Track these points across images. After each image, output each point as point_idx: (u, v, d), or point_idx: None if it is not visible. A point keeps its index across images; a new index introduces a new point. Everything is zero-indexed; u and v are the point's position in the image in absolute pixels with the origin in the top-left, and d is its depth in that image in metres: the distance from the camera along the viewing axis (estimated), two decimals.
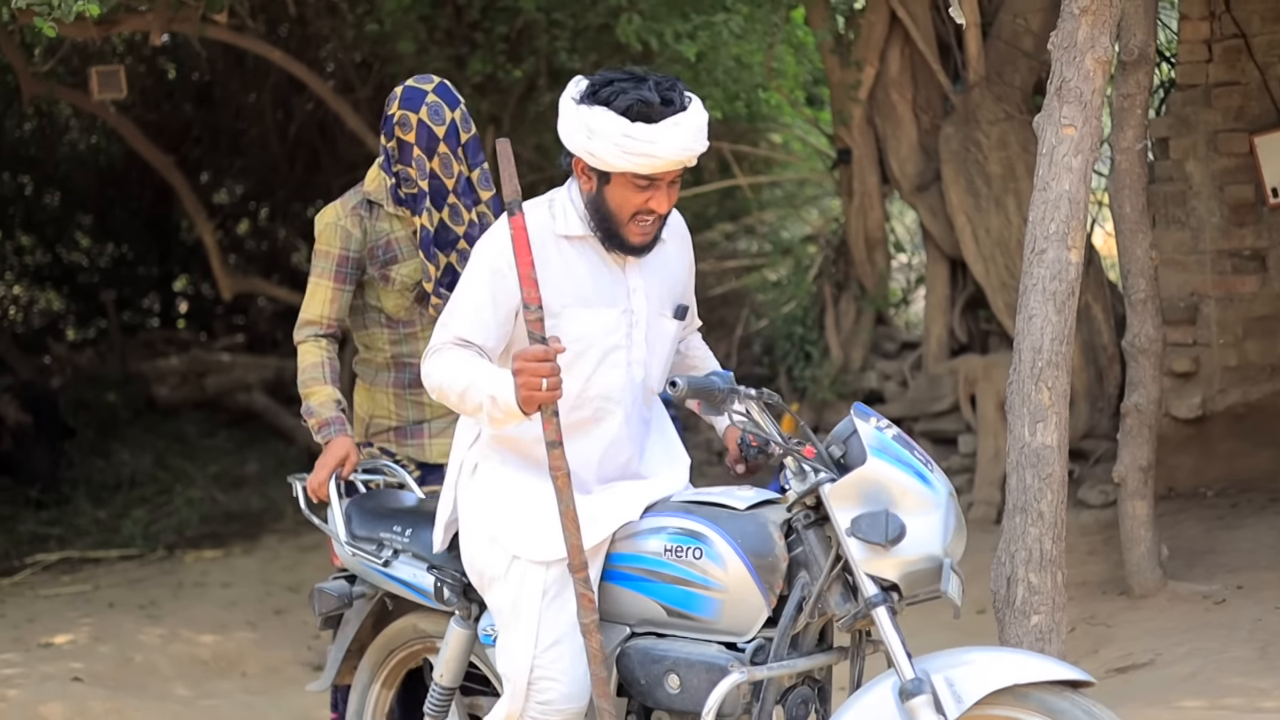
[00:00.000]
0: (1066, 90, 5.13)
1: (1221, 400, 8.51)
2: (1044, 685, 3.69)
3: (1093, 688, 3.74)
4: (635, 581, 4.28)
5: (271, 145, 15.82)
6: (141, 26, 10.36)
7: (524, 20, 11.25)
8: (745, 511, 4.19)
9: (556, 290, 4.23)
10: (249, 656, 8.48)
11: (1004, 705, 3.72)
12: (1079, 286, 5.14)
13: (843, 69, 10.41)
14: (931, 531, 3.91)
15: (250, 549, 11.12)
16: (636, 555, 4.28)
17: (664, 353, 4.47)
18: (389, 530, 4.91)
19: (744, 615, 4.11)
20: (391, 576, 4.87)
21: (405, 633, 5.05)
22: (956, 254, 10.16)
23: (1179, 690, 5.84)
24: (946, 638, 6.52)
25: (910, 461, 3.96)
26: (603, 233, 4.29)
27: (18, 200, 17.12)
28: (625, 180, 4.18)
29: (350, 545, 4.98)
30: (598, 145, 4.11)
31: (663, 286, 4.45)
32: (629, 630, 4.32)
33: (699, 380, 4.09)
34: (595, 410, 4.33)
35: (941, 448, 10.36)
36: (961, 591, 3.91)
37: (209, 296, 17.58)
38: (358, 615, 5.14)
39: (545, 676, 4.28)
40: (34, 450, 12.28)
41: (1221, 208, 8.47)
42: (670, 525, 4.24)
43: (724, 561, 4.11)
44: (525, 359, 3.97)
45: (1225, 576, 7.21)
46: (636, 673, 4.26)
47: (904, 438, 4.03)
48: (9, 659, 8.10)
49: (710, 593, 4.14)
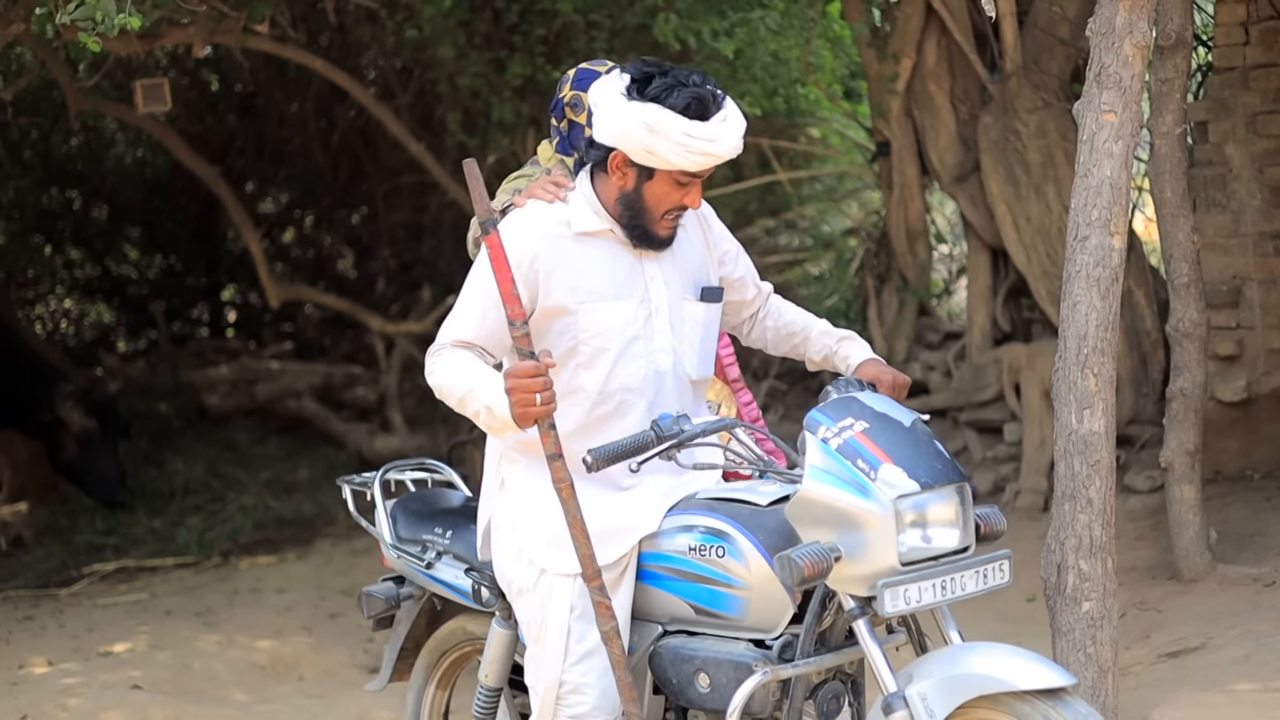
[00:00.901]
0: (1106, 76, 5.09)
1: (1266, 383, 8.45)
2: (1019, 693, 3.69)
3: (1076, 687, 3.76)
4: (663, 580, 4.29)
5: (315, 153, 15.85)
6: (184, 39, 10.39)
7: (562, 22, 11.25)
8: (768, 508, 4.18)
9: (573, 288, 4.25)
10: (305, 660, 8.50)
11: (982, 709, 3.75)
12: (1122, 272, 5.10)
13: (880, 61, 10.37)
14: (879, 544, 3.81)
15: (304, 554, 11.15)
16: (663, 554, 4.29)
17: (695, 337, 4.45)
18: (431, 532, 4.95)
19: (770, 612, 4.10)
20: (435, 578, 4.92)
21: (456, 634, 5.08)
22: (997, 243, 10.11)
23: (1231, 674, 5.80)
24: (999, 628, 6.52)
25: (850, 476, 3.86)
26: (631, 229, 4.31)
27: (67, 214, 17.21)
28: (668, 178, 4.20)
29: (395, 547, 5.03)
30: (659, 143, 4.10)
31: (683, 272, 4.44)
32: (661, 629, 4.33)
33: (605, 448, 4.03)
34: (618, 404, 4.33)
35: (987, 437, 10.33)
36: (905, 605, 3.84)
37: (257, 305, 17.65)
38: (408, 616, 5.18)
39: (576, 690, 4.29)
40: (99, 456, 12.29)
41: (1262, 190, 8.40)
42: (694, 524, 4.24)
43: (747, 559, 4.10)
44: (516, 376, 3.96)
45: (1275, 559, 7.16)
46: (669, 672, 4.27)
47: (853, 445, 3.90)
48: (69, 668, 8.14)
49: (735, 591, 4.13)
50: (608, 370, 4.30)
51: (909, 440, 3.94)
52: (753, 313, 4.80)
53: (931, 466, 3.90)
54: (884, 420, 3.98)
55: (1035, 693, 3.68)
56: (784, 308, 4.82)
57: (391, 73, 13.68)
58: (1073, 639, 4.98)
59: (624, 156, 4.21)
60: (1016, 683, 3.69)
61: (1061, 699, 3.68)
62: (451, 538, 4.88)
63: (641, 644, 4.33)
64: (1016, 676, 3.70)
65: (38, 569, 11.09)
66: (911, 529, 3.84)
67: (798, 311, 4.82)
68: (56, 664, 8.26)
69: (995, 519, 4.07)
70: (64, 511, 12.35)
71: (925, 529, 3.87)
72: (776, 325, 4.77)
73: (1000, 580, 3.95)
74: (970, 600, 3.96)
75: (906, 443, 3.93)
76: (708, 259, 4.56)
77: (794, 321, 4.76)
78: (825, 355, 4.65)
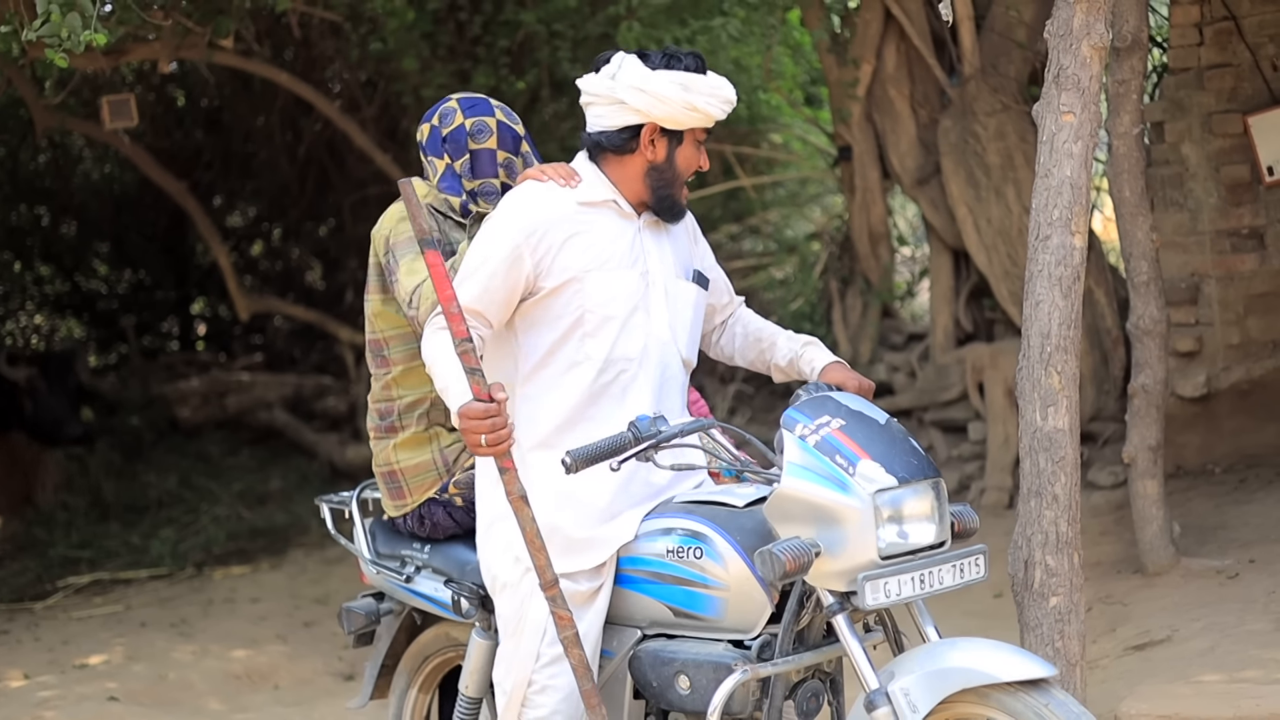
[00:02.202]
0: (1064, 78, 5.10)
1: (1226, 378, 8.48)
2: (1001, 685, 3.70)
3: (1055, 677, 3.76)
4: (641, 584, 4.28)
5: (282, 167, 15.80)
6: (150, 55, 10.35)
7: (525, 33, 11.24)
8: (744, 509, 4.18)
9: (580, 257, 4.28)
10: (281, 669, 8.48)
11: (965, 703, 3.75)
12: (1084, 271, 5.11)
13: (840, 67, 10.39)
14: (859, 538, 3.81)
15: (277, 564, 11.12)
16: (641, 558, 4.28)
17: (687, 317, 4.48)
18: (409, 547, 4.96)
19: (748, 613, 4.09)
20: (414, 592, 4.92)
21: (439, 639, 5.09)
22: (959, 245, 10.13)
23: (1198, 665, 5.81)
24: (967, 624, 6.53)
25: (829, 472, 3.86)
26: (660, 199, 4.41)
27: (35, 231, 17.13)
28: (692, 139, 4.38)
29: (374, 564, 5.03)
30: (696, 99, 4.27)
31: (674, 253, 4.49)
32: (640, 633, 4.32)
33: (583, 450, 4.01)
34: (619, 373, 4.33)
35: (952, 436, 10.35)
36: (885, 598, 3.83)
37: (226, 318, 17.58)
38: (388, 631, 5.19)
39: (542, 690, 4.30)
40: (50, 403, 12.48)
41: (1218, 188, 8.43)
42: (671, 526, 4.23)
43: (724, 560, 4.09)
44: (465, 416, 3.94)
45: (1237, 551, 7.18)
46: (649, 675, 4.25)
47: (831, 441, 3.91)
48: (45, 681, 8.10)
49: (713, 592, 4.12)
50: (613, 339, 4.30)
51: (885, 437, 3.95)
52: (724, 318, 4.82)
53: (908, 462, 3.90)
54: (860, 418, 3.98)
55: (1016, 684, 3.69)
56: (751, 316, 4.85)
57: (357, 85, 13.65)
58: (1040, 633, 4.98)
59: (654, 127, 4.31)
60: (998, 674, 3.70)
61: (1042, 689, 3.69)
62: (430, 552, 4.89)
63: (621, 648, 4.32)
64: (998, 668, 3.71)
65: (12, 583, 11.05)
66: (889, 524, 3.84)
67: (764, 321, 4.84)
68: (32, 677, 8.22)
69: (968, 517, 4.08)
70: (39, 524, 12.30)
71: (902, 524, 3.86)
72: (745, 332, 4.79)
73: (976, 575, 3.95)
74: (939, 597, 3.96)
75: (883, 439, 3.94)
76: (694, 251, 4.62)
77: (761, 329, 4.78)
78: (790, 360, 4.65)
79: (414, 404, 4.82)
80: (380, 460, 4.89)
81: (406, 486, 4.83)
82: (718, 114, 4.32)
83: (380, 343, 4.88)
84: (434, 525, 4.85)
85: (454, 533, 4.85)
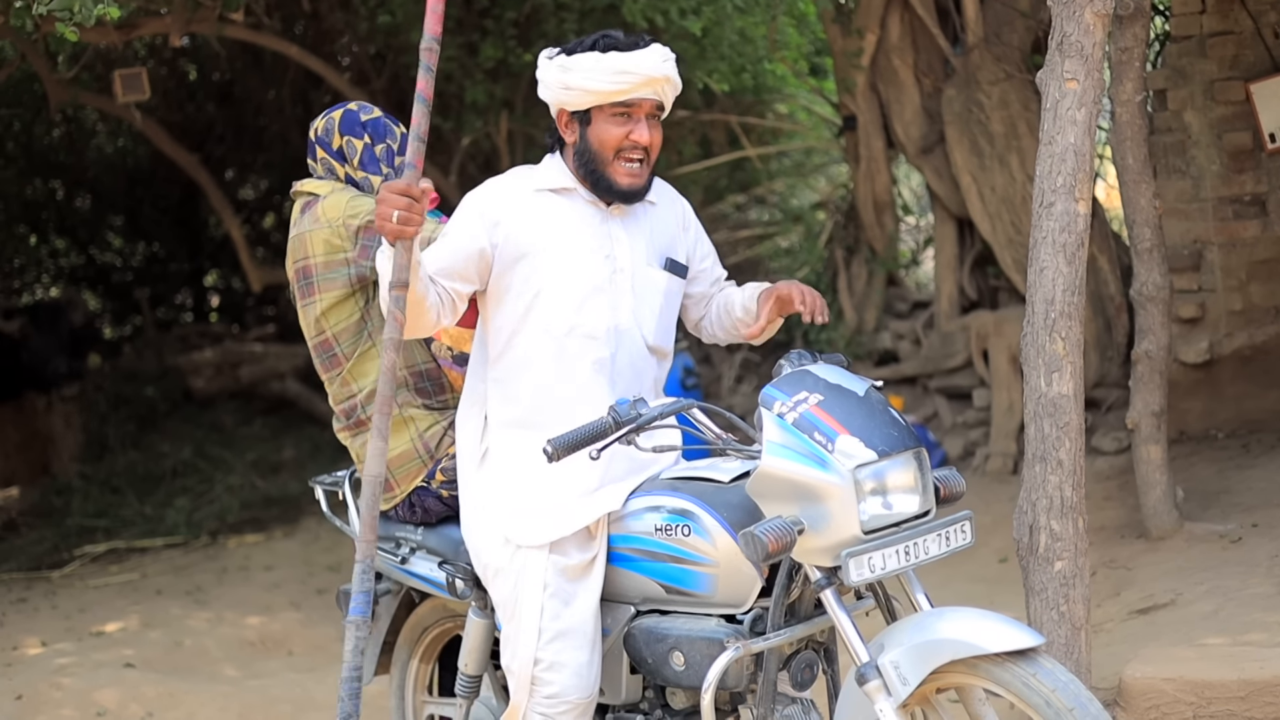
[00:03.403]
0: (1067, 45, 5.05)
1: (1228, 344, 8.45)
2: (990, 656, 3.67)
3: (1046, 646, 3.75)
4: (633, 562, 4.27)
5: (292, 139, 15.74)
6: (161, 29, 10.31)
7: (531, 5, 11.19)
8: (730, 484, 4.16)
9: (535, 236, 4.30)
10: (294, 636, 8.48)
11: (955, 673, 3.73)
12: (1087, 238, 5.08)
13: (844, 38, 10.34)
14: (841, 514, 3.78)
15: (290, 532, 11.12)
16: (631, 536, 4.27)
17: (655, 304, 4.45)
18: (403, 529, 4.96)
19: (738, 588, 4.08)
20: (410, 572, 4.93)
21: (436, 611, 5.11)
22: (963, 213, 10.10)
23: (1201, 628, 5.80)
24: (973, 589, 6.51)
25: (808, 449, 3.83)
26: (591, 181, 4.35)
27: (50, 204, 17.13)
28: (604, 115, 4.27)
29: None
30: (574, 78, 4.22)
31: (650, 241, 4.45)
32: (634, 610, 4.31)
33: (564, 437, 3.99)
34: (583, 352, 4.32)
35: (956, 403, 10.33)
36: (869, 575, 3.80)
37: (239, 289, 17.60)
38: (387, 611, 5.21)
39: (550, 667, 4.27)
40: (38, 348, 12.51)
41: (1221, 155, 8.39)
42: (659, 504, 4.22)
43: (713, 537, 4.08)
44: (388, 189, 3.94)
45: (1240, 515, 7.16)
46: (644, 652, 4.25)
47: (809, 418, 3.86)
48: (63, 648, 8.11)
49: (703, 568, 4.11)
50: (571, 313, 4.29)
51: (864, 410, 3.90)
52: (707, 299, 4.78)
53: (888, 434, 3.86)
54: (838, 391, 3.93)
55: (1006, 655, 3.66)
56: (724, 293, 4.80)
57: (366, 58, 13.60)
58: (1046, 598, 4.96)
59: (564, 113, 4.31)
60: (986, 645, 3.66)
61: (1031, 659, 3.66)
62: (423, 533, 4.89)
63: (615, 625, 4.31)
64: (986, 640, 3.67)
65: (30, 552, 11.07)
66: (872, 497, 3.80)
67: (731, 289, 4.81)
68: (50, 644, 8.23)
69: (954, 481, 4.06)
70: (56, 494, 12.31)
71: (885, 496, 3.82)
72: (718, 307, 4.76)
73: (962, 541, 3.92)
74: (943, 563, 3.95)
75: (861, 412, 3.89)
76: (679, 239, 4.56)
77: (728, 297, 4.76)
78: (743, 305, 4.65)
79: (373, 393, 4.78)
80: (360, 454, 4.85)
81: (393, 478, 4.80)
82: (604, 86, 4.21)
83: (329, 342, 4.85)
84: (425, 511, 4.84)
85: (445, 515, 4.84)
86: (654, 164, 4.38)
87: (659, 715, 4.35)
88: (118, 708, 7.17)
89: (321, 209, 4.87)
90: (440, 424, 4.80)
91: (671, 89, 4.31)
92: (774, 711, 4.07)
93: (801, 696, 4.19)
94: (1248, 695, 5.02)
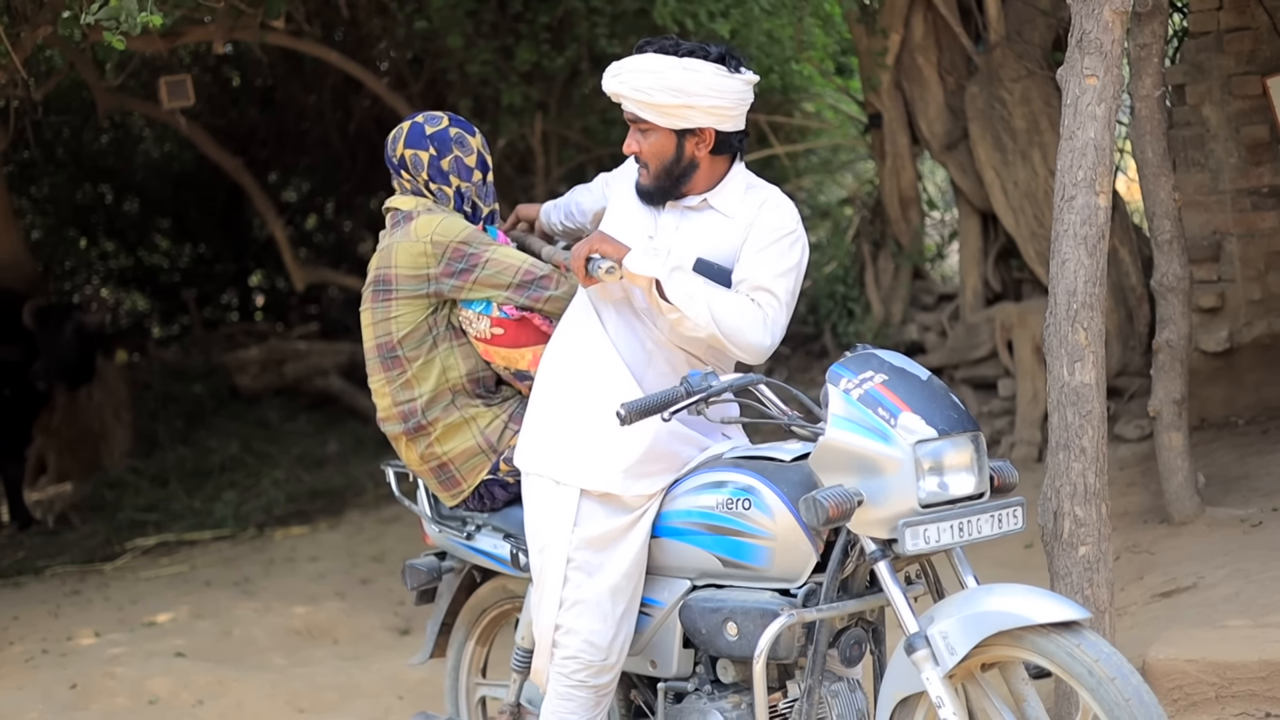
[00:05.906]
0: (1087, 42, 5.04)
1: (1248, 333, 8.41)
2: (1035, 627, 3.70)
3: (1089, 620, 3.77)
4: (691, 535, 4.32)
5: (333, 143, 15.82)
6: (205, 37, 10.36)
7: (564, 9, 11.21)
8: (791, 463, 4.20)
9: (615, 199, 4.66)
10: (339, 625, 8.50)
11: (1001, 646, 3.76)
12: (1108, 230, 5.07)
13: (869, 37, 10.33)
14: (900, 487, 3.82)
15: (335, 524, 11.14)
16: (690, 510, 4.32)
17: None
18: (469, 513, 4.97)
19: (794, 561, 4.12)
20: (475, 549, 4.97)
21: (496, 592, 5.15)
22: (987, 207, 10.08)
23: (1223, 611, 5.78)
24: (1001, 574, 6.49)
25: (871, 423, 3.87)
26: None
27: (99, 208, 17.21)
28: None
29: (437, 523, 5.06)
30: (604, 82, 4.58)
31: (697, 240, 4.44)
32: (690, 584, 4.36)
33: (638, 402, 4.07)
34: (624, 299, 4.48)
35: (982, 393, 10.31)
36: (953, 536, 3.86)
37: (283, 289, 17.64)
38: (449, 589, 5.24)
39: (567, 632, 4.37)
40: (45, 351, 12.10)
41: (1238, 148, 8.35)
42: (721, 480, 4.27)
43: (772, 511, 4.12)
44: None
45: (1260, 500, 7.13)
46: (698, 623, 4.28)
47: (873, 394, 3.92)
48: (116, 638, 8.15)
49: (761, 541, 4.15)
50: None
51: (926, 392, 3.96)
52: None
53: (948, 415, 3.91)
54: (902, 373, 4.00)
55: (1051, 626, 3.69)
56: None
57: (404, 63, 13.64)
58: (1070, 582, 4.95)
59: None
60: (1033, 617, 3.69)
61: (1076, 631, 3.69)
62: (489, 514, 4.90)
63: (671, 598, 4.38)
64: (1033, 612, 3.71)
65: (83, 545, 11.10)
66: (930, 474, 3.85)
67: None
68: (103, 635, 8.26)
69: (1008, 472, 4.08)
70: (108, 488, 12.36)
71: (942, 475, 3.87)
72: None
73: (1014, 525, 3.96)
74: (970, 549, 3.96)
75: (924, 394, 3.95)
76: (738, 250, 4.45)
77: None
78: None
79: (434, 398, 4.81)
80: (424, 456, 4.85)
81: (459, 474, 4.82)
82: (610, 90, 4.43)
83: (392, 344, 4.84)
84: (492, 498, 4.86)
85: (510, 500, 4.87)
86: (663, 171, 4.42)
87: (708, 690, 4.37)
88: (169, 696, 7.20)
89: (415, 226, 4.90)
90: (500, 418, 4.82)
91: (635, 104, 4.37)
92: (821, 685, 4.09)
93: (848, 674, 4.22)
94: (1269, 675, 5.02)
